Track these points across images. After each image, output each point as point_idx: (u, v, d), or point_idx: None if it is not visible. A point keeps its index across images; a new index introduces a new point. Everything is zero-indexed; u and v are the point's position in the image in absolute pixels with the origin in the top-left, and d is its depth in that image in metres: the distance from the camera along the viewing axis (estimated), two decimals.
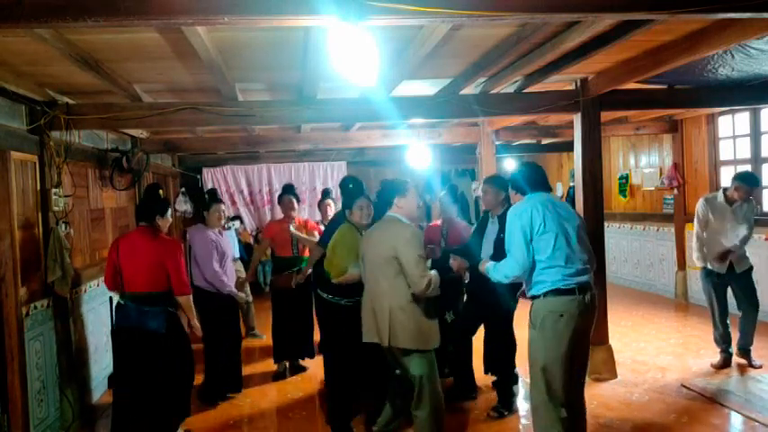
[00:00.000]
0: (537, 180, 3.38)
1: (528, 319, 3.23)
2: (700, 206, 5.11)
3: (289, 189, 5.58)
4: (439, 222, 5.01)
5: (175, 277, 3.86)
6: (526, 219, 3.15)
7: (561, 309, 3.08)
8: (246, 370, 5.39)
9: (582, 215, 4.91)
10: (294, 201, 5.47)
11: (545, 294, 3.13)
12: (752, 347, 5.03)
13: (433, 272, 3.36)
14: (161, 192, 4.06)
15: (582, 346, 3.19)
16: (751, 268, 5.02)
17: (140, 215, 4.00)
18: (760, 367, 4.94)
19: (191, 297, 3.97)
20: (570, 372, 3.11)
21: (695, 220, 5.14)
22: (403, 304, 3.33)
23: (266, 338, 6.45)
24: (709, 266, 5.03)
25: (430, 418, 3.42)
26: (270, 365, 5.49)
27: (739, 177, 4.98)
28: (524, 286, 3.35)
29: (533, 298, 3.21)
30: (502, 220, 3.96)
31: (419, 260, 3.29)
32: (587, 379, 4.83)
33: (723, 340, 5.07)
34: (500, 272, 3.29)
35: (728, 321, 5.05)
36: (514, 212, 3.24)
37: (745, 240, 4.95)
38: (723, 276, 4.99)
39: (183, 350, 4.00)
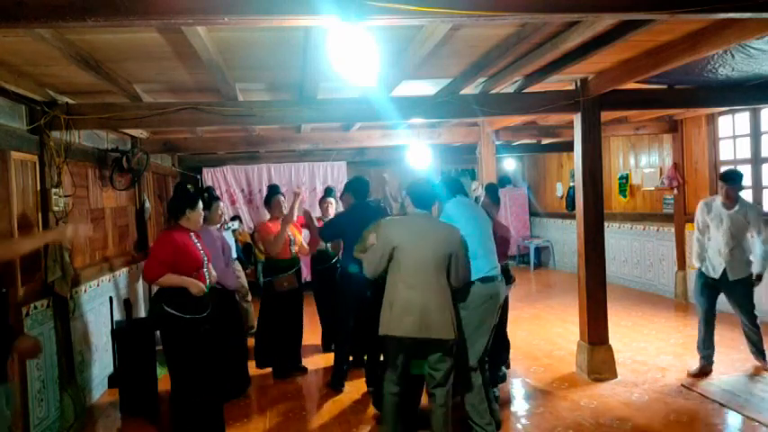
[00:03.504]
0: (457, 186, 3.99)
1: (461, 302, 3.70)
2: (697, 210, 4.98)
3: (277, 189, 5.54)
4: None
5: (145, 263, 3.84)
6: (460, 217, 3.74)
7: (490, 292, 3.70)
8: None
9: (582, 215, 4.94)
10: (284, 201, 5.47)
11: (479, 281, 3.66)
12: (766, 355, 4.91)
13: None
14: (190, 187, 4.02)
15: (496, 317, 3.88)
16: (750, 277, 4.74)
17: (171, 213, 3.97)
18: None
19: (161, 278, 3.68)
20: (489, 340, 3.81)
21: (695, 223, 5.01)
22: (449, 298, 3.52)
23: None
24: (702, 269, 4.89)
25: (449, 395, 3.58)
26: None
27: (720, 176, 4.90)
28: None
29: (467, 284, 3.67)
30: None
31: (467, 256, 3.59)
32: (587, 379, 4.87)
33: (704, 346, 4.89)
34: None
35: (713, 330, 4.87)
36: (451, 213, 3.80)
37: (766, 254, 4.69)
38: (715, 282, 4.80)
39: (173, 356, 3.81)
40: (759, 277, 4.78)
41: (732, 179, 4.72)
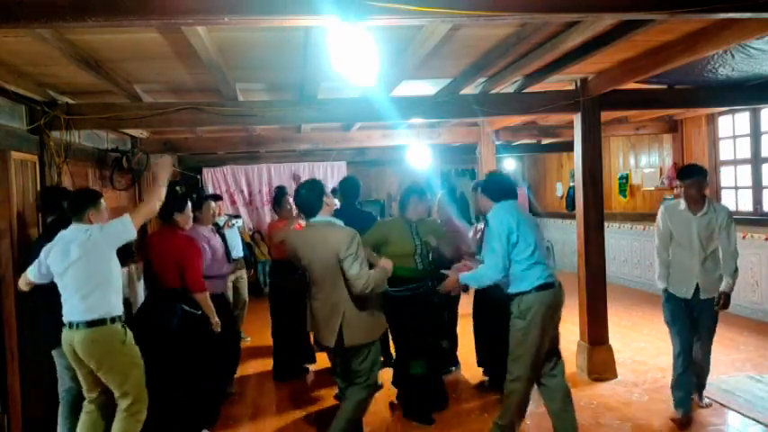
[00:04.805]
0: (505, 189, 3.61)
1: (514, 311, 3.49)
2: (658, 217, 4.16)
3: (285, 190, 5.50)
4: None
5: (188, 274, 3.87)
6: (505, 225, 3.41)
7: (550, 301, 3.46)
8: (242, 371, 5.35)
9: (582, 215, 4.94)
10: (291, 200, 5.44)
11: (535, 290, 3.41)
12: (705, 391, 4.27)
13: (372, 272, 3.26)
14: (178, 189, 4.06)
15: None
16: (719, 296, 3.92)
17: (160, 214, 4.01)
18: (709, 406, 4.22)
19: (207, 295, 3.94)
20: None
21: (655, 232, 4.21)
22: (346, 304, 3.29)
23: (252, 341, 6.49)
24: (671, 290, 4.05)
25: (364, 403, 3.47)
26: (266, 365, 5.48)
27: (677, 174, 4.18)
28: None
29: (522, 293, 3.44)
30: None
31: (354, 260, 3.18)
32: (587, 379, 4.86)
33: (678, 387, 4.05)
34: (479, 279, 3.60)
35: (689, 364, 4.02)
36: (495, 219, 3.47)
37: (730, 269, 3.85)
38: (687, 303, 3.96)
39: (197, 352, 3.95)
40: (726, 297, 3.86)
41: (689, 175, 3.92)
